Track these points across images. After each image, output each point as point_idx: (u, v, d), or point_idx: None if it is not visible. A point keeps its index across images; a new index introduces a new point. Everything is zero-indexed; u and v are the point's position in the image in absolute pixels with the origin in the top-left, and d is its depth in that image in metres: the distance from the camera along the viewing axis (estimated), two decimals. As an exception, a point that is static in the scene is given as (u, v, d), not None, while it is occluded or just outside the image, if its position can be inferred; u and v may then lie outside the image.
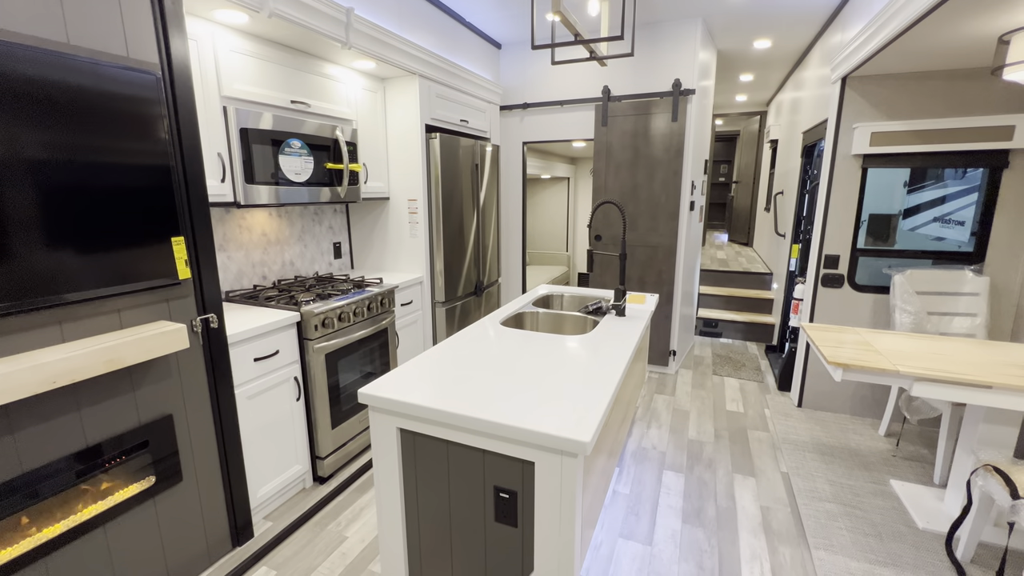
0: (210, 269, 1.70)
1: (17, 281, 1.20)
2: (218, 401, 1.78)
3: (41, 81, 1.21)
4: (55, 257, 1.27)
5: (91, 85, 1.31)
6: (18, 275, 1.20)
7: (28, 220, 1.21)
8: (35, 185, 1.22)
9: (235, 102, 2.01)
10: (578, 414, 1.20)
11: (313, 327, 2.16)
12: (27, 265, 1.22)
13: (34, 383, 1.18)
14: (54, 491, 1.34)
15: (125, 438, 1.50)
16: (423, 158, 2.91)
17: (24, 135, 1.19)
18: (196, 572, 1.77)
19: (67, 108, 1.27)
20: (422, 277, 3.04)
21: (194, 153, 1.62)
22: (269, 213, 2.61)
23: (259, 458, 2.01)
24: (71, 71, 1.27)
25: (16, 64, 1.17)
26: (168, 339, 1.47)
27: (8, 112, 1.16)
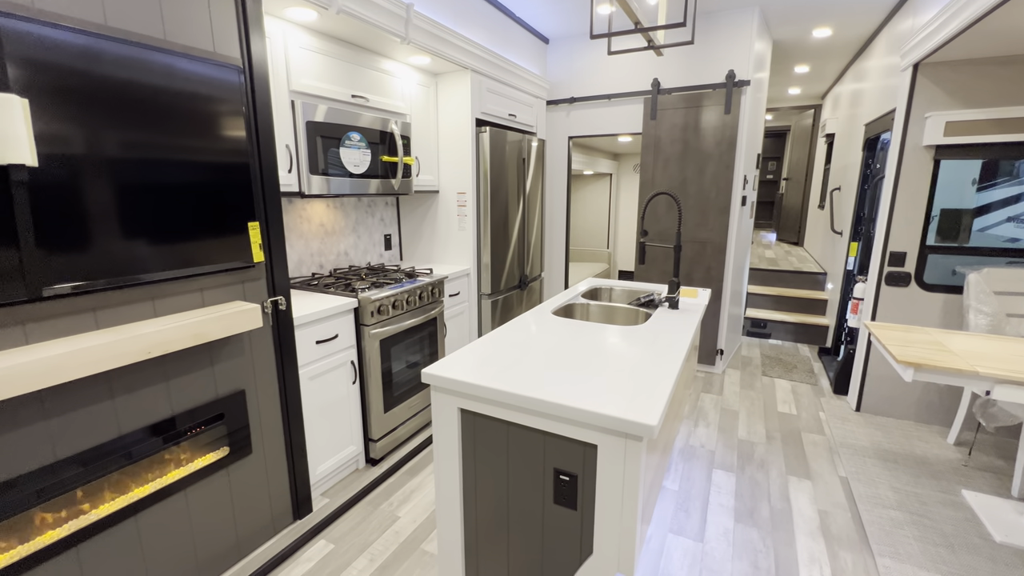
0: (280, 254, 1.79)
1: (118, 260, 1.31)
2: (284, 379, 1.87)
3: (145, 75, 1.31)
4: (149, 240, 1.37)
5: (185, 79, 1.41)
6: (119, 255, 1.31)
7: (128, 206, 1.31)
8: (134, 172, 1.32)
9: (302, 96, 2.11)
10: (641, 399, 1.20)
11: (369, 313, 2.23)
12: (126, 246, 1.32)
13: (134, 352, 1.28)
14: (144, 454, 1.46)
15: (204, 409, 1.60)
16: (472, 152, 2.96)
17: (128, 127, 1.29)
18: (261, 541, 1.87)
19: (165, 101, 1.37)
20: (469, 269, 3.09)
21: (269, 144, 1.71)
22: (327, 204, 2.72)
23: (318, 437, 2.10)
24: (169, 66, 1.37)
25: (124, 59, 1.27)
26: (245, 317, 1.56)
27: (117, 106, 1.26)
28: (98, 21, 1.25)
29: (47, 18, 1.15)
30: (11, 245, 1.11)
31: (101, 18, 1.25)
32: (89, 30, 1.22)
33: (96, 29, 1.24)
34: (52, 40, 1.14)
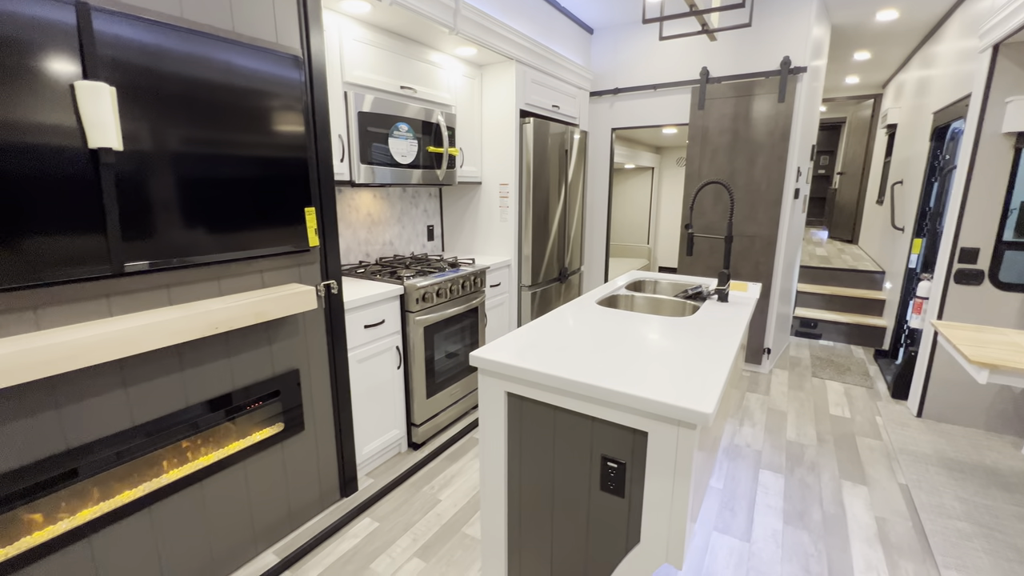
0: (333, 240, 1.85)
1: (189, 241, 1.39)
2: (335, 361, 1.94)
3: (216, 66, 1.39)
4: (216, 223, 1.45)
5: (252, 71, 1.47)
6: (189, 237, 1.39)
7: (198, 191, 1.39)
8: (204, 159, 1.39)
9: (354, 87, 2.17)
10: (695, 387, 1.17)
11: (414, 300, 2.28)
12: (196, 229, 1.40)
13: (202, 327, 1.36)
14: (209, 425, 1.54)
15: (262, 386, 1.68)
16: (516, 143, 2.96)
17: (199, 116, 1.37)
18: (311, 515, 1.95)
19: (233, 92, 1.43)
20: (510, 260, 3.10)
21: (325, 134, 1.77)
22: (374, 194, 2.79)
23: (363, 419, 2.17)
24: (237, 58, 1.43)
25: (197, 50, 1.34)
26: (301, 299, 1.62)
27: (190, 96, 1.34)
28: (175, 13, 1.32)
29: (133, 11, 1.23)
30: (99, 223, 1.19)
31: (178, 11, 1.33)
32: (168, 22, 1.29)
33: (174, 21, 1.32)
34: (135, 31, 1.22)
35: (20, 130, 1.06)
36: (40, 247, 1.11)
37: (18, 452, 1.15)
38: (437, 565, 1.74)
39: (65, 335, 1.13)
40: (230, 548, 1.65)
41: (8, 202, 1.05)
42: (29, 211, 1.09)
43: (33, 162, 1.08)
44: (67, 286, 1.18)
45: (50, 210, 1.12)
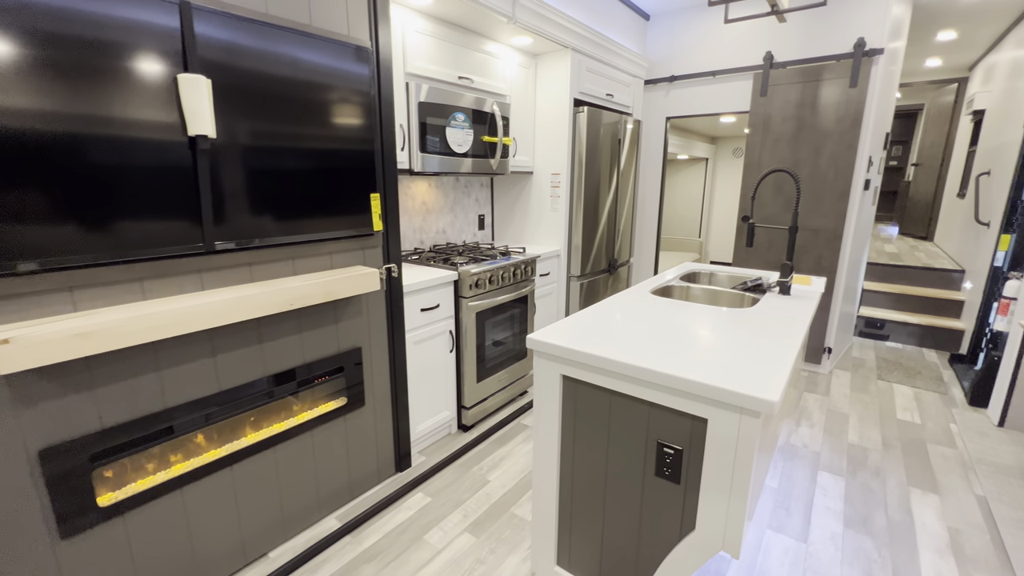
0: (394, 225, 1.93)
1: (268, 224, 1.49)
2: (393, 341, 2.03)
3: (296, 60, 1.48)
4: (292, 207, 1.55)
5: (328, 62, 1.56)
6: (269, 221, 1.49)
7: (277, 177, 1.49)
8: (282, 147, 1.49)
9: (415, 78, 2.24)
10: (758, 375, 1.15)
11: (468, 286, 2.34)
12: (274, 212, 1.50)
13: (279, 303, 1.46)
14: (281, 395, 1.66)
15: (328, 361, 1.79)
16: (568, 133, 2.95)
17: (279, 107, 1.46)
18: (369, 486, 2.06)
19: (310, 84, 1.52)
20: (560, 250, 3.11)
21: (390, 124, 1.84)
22: (429, 183, 2.87)
23: (417, 399, 2.26)
24: (316, 49, 1.52)
25: (280, 43, 1.44)
26: (366, 280, 1.71)
27: (272, 88, 1.43)
28: (260, 10, 1.42)
29: (226, 8, 1.34)
30: (195, 204, 1.31)
31: (263, 7, 1.42)
32: (255, 18, 1.39)
33: (260, 17, 1.41)
34: (227, 27, 1.32)
35: (135, 121, 1.18)
36: (147, 225, 1.23)
37: (127, 407, 1.29)
38: (487, 541, 1.80)
39: (167, 305, 1.25)
40: (298, 510, 1.77)
41: (123, 185, 1.18)
42: (139, 193, 1.21)
43: (144, 149, 1.20)
44: (168, 261, 1.31)
45: (156, 192, 1.24)
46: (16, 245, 1.05)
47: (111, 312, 1.18)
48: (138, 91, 1.18)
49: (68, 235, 1.11)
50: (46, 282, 1.12)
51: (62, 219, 1.10)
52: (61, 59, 1.06)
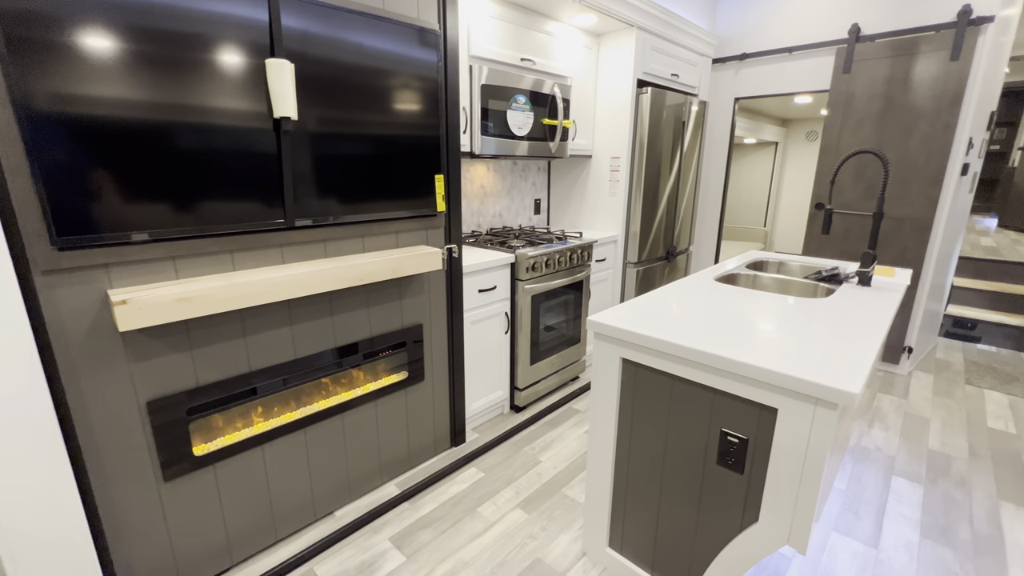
0: (456, 207, 1.97)
1: (340, 203, 1.57)
2: (452, 320, 2.09)
3: (370, 45, 1.53)
4: (362, 187, 1.62)
5: (399, 45, 1.60)
6: (342, 200, 1.57)
7: (349, 159, 1.56)
8: (355, 130, 1.56)
9: (479, 60, 2.25)
10: (836, 367, 1.09)
11: (524, 269, 2.36)
12: (346, 191, 1.58)
13: (350, 277, 1.54)
14: (350, 365, 1.76)
15: (391, 336, 1.87)
16: (631, 115, 2.87)
17: (353, 91, 1.52)
18: (425, 457, 2.14)
19: (382, 67, 1.58)
20: (617, 236, 3.05)
21: (455, 106, 1.87)
22: (487, 166, 2.90)
23: (472, 378, 2.32)
24: (389, 33, 1.57)
25: (356, 27, 1.49)
26: (430, 259, 1.76)
27: (347, 72, 1.49)
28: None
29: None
30: (278, 182, 1.40)
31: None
32: (333, 3, 1.45)
33: (337, 2, 1.47)
34: (309, 14, 1.39)
35: (229, 108, 1.27)
36: (237, 202, 1.33)
37: (218, 368, 1.42)
38: (539, 519, 1.84)
39: (254, 276, 1.35)
40: (362, 475, 1.89)
41: (218, 166, 1.28)
42: (231, 173, 1.31)
43: (236, 133, 1.29)
44: (254, 235, 1.41)
45: (245, 172, 1.33)
46: (131, 219, 1.17)
47: (207, 280, 1.30)
48: (232, 79, 1.27)
49: (172, 211, 1.23)
50: (154, 251, 1.24)
51: (167, 197, 1.21)
52: (164, 54, 1.16)
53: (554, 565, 1.64)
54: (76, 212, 1.09)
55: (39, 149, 1.03)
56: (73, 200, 1.08)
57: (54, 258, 1.10)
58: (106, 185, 1.12)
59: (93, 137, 1.09)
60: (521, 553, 1.68)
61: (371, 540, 1.72)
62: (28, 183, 1.05)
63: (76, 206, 1.09)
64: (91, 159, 1.09)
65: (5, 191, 1.02)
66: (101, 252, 1.16)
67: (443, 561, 1.64)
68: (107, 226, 1.14)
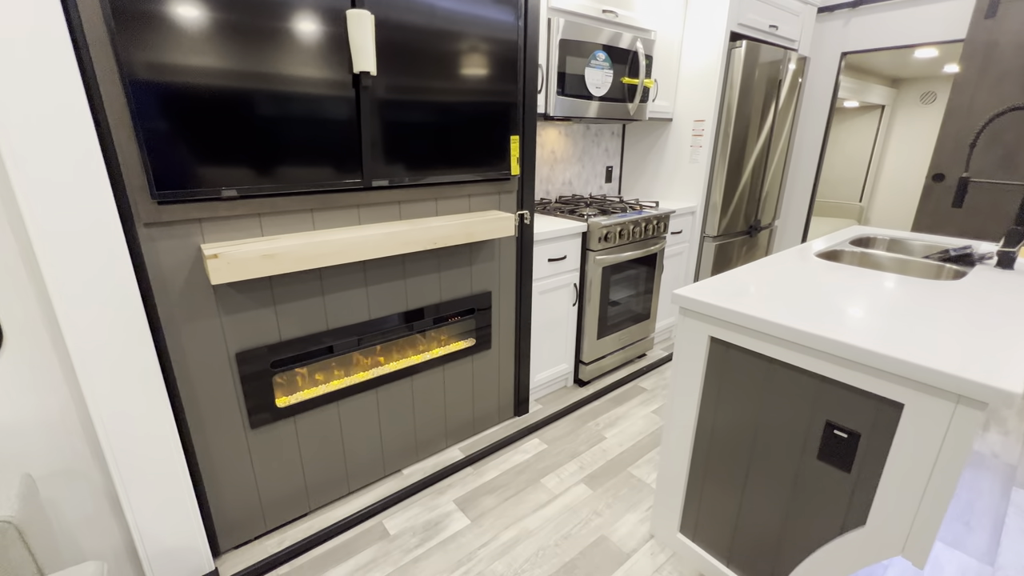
0: (530, 172, 1.88)
1: (416, 166, 1.53)
2: (521, 289, 2.03)
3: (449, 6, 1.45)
4: (436, 147, 1.56)
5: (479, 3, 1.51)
6: (417, 162, 1.53)
7: (425, 118, 1.51)
8: (432, 89, 1.50)
9: (557, 13, 2.10)
10: (983, 359, 0.92)
11: (596, 239, 2.24)
12: (421, 152, 1.53)
13: (424, 240, 1.52)
14: (420, 329, 1.76)
15: (461, 302, 1.85)
16: (720, 72, 2.61)
17: (430, 47, 1.45)
18: (489, 424, 2.15)
19: (459, 21, 1.49)
20: (695, 207, 2.84)
21: (533, 64, 1.76)
22: (559, 131, 2.77)
23: (538, 349, 2.27)
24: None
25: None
26: (503, 224, 1.70)
27: (426, 27, 1.42)
28: (419, -59, 1.40)
29: (388, -59, 1.33)
30: (356, 140, 1.38)
31: (422, -63, 1.40)
32: (414, -51, 1.37)
33: (418, -52, 1.39)
34: (390, -40, 1.32)
35: (309, 66, 1.25)
36: (316, 161, 1.33)
37: (299, 324, 1.46)
38: (603, 496, 1.79)
39: (332, 235, 1.35)
40: (428, 437, 1.92)
41: (298, 125, 1.27)
42: (311, 132, 1.30)
43: (316, 88, 1.27)
44: (333, 195, 1.41)
45: (324, 130, 1.32)
46: (221, 177, 1.19)
47: (289, 238, 1.31)
48: (313, 37, 1.24)
49: (257, 171, 1.24)
50: (242, 207, 1.27)
51: (252, 157, 1.23)
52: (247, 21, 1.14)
53: (620, 544, 1.59)
54: (173, 170, 1.12)
55: (142, 113, 1.06)
56: (170, 159, 1.11)
57: (154, 211, 1.14)
58: (198, 146, 1.14)
59: (186, 101, 1.10)
60: (586, 528, 1.64)
61: (436, 500, 1.76)
62: (132, 144, 1.08)
63: (173, 164, 1.12)
64: (184, 122, 1.11)
65: (113, 151, 1.06)
66: (195, 207, 1.20)
67: (508, 528, 1.64)
68: (200, 183, 1.17)
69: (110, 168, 1.07)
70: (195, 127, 1.13)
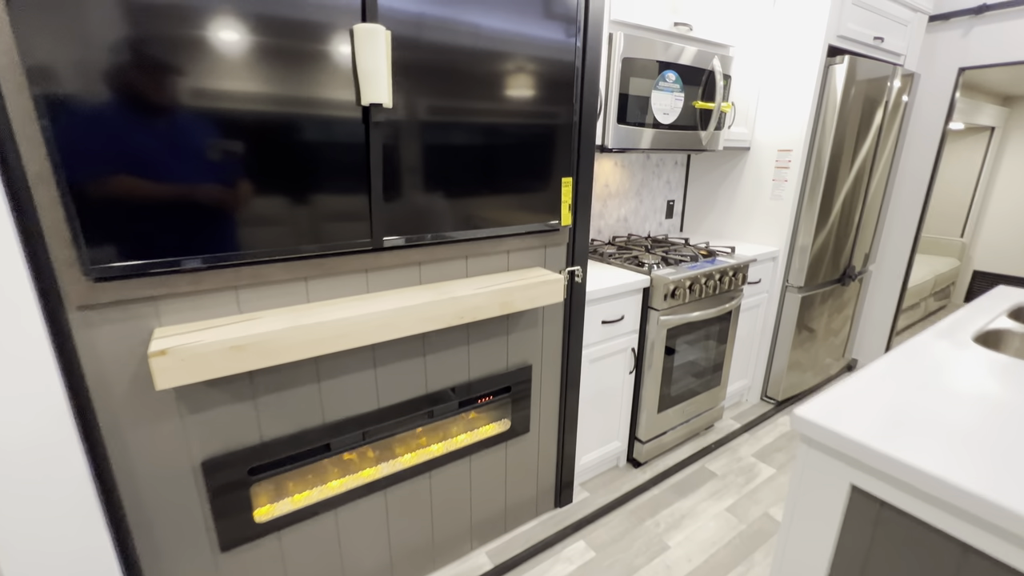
0: (584, 218, 1.53)
1: (441, 218, 1.21)
2: (568, 359, 1.66)
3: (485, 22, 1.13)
4: (467, 197, 1.24)
5: (526, 20, 1.18)
6: (442, 213, 1.20)
7: (452, 163, 1.19)
8: (460, 128, 1.17)
9: (622, 27, 1.76)
10: None
11: (661, 296, 1.84)
12: (448, 203, 1.21)
13: (449, 315, 1.18)
14: (442, 415, 1.42)
15: (495, 380, 1.50)
16: (814, 93, 2.17)
17: (459, 79, 1.14)
18: (524, 519, 1.77)
19: (502, 40, 1.17)
20: (777, 252, 2.39)
21: (593, 89, 1.42)
22: (615, 162, 2.40)
23: (585, 425, 1.88)
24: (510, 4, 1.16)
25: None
26: (550, 290, 1.35)
27: (449, 55, 1.11)
28: (453, -63, 1.09)
29: (412, -64, 1.03)
30: (364, 190, 1.07)
31: (457, -68, 1.09)
32: (446, -53, 1.07)
33: (451, -54, 1.09)
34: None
35: (303, 96, 0.95)
36: (312, 217, 1.03)
37: (287, 421, 1.15)
38: (670, 644, 1.36)
39: (329, 313, 1.04)
40: (448, 538, 1.56)
41: (288, 170, 0.97)
42: (305, 176, 1.00)
43: (311, 127, 0.98)
44: (333, 259, 1.10)
45: (322, 174, 1.02)
46: (180, 241, 0.90)
47: (273, 318, 1.01)
48: (306, 52, 0.94)
49: (231, 230, 0.95)
50: (211, 280, 0.97)
51: (224, 213, 0.93)
52: (211, 33, 0.86)
53: None
54: (113, 236, 0.84)
55: (69, 164, 0.78)
56: (109, 223, 0.83)
57: (90, 291, 0.86)
58: (148, 202, 0.86)
59: (130, 138, 0.82)
60: None
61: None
62: (58, 206, 0.81)
63: (113, 230, 0.84)
64: (129, 165, 0.83)
65: (31, 207, 0.79)
66: (147, 282, 0.91)
67: None
68: (153, 251, 0.88)
69: (27, 239, 0.80)
70: (140, 173, 0.85)
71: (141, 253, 0.87)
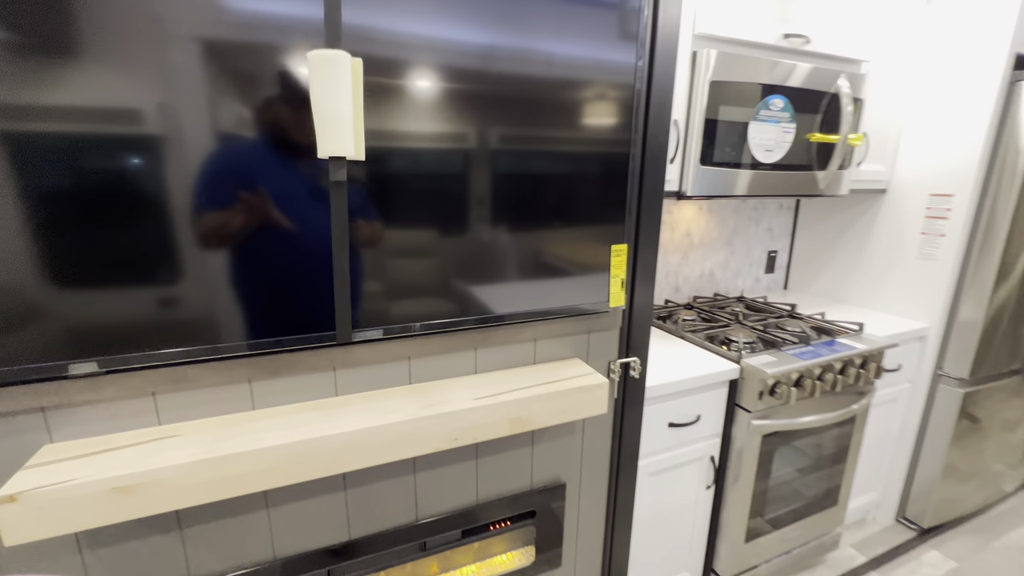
0: (644, 294, 1.13)
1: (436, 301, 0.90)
2: (618, 473, 1.25)
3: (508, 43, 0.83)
4: (475, 272, 0.92)
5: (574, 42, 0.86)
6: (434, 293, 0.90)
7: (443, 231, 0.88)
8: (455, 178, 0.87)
9: (710, 42, 1.37)
10: None
11: (756, 393, 1.37)
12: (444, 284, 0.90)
13: (437, 438, 0.86)
14: (438, 547, 1.09)
15: (514, 501, 1.13)
16: (991, 120, 1.58)
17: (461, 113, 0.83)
18: (553, 673, 1.35)
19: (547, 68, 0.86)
20: (926, 330, 1.77)
21: (662, 123, 1.04)
22: (699, 207, 1.96)
23: (641, 555, 1.43)
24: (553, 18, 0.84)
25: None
26: (588, 399, 0.97)
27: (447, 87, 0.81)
28: (464, -69, 0.80)
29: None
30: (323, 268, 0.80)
31: (468, -76, 0.80)
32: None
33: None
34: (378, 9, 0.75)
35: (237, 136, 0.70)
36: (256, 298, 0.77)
37: (224, 556, 0.88)
38: None
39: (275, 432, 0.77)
40: None
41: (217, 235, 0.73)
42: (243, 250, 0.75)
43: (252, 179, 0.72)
44: (279, 355, 0.83)
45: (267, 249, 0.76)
46: (72, 338, 0.68)
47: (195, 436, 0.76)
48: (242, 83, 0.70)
49: (143, 320, 0.71)
50: (117, 385, 0.74)
51: (132, 296, 0.70)
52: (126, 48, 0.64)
53: None
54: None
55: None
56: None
57: (-50, 403, 0.67)
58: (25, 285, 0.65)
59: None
60: None
61: None
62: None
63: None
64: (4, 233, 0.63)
65: None
66: (29, 391, 0.70)
67: None
68: (34, 352, 0.67)
69: None
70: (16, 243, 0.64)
71: (20, 353, 0.66)
